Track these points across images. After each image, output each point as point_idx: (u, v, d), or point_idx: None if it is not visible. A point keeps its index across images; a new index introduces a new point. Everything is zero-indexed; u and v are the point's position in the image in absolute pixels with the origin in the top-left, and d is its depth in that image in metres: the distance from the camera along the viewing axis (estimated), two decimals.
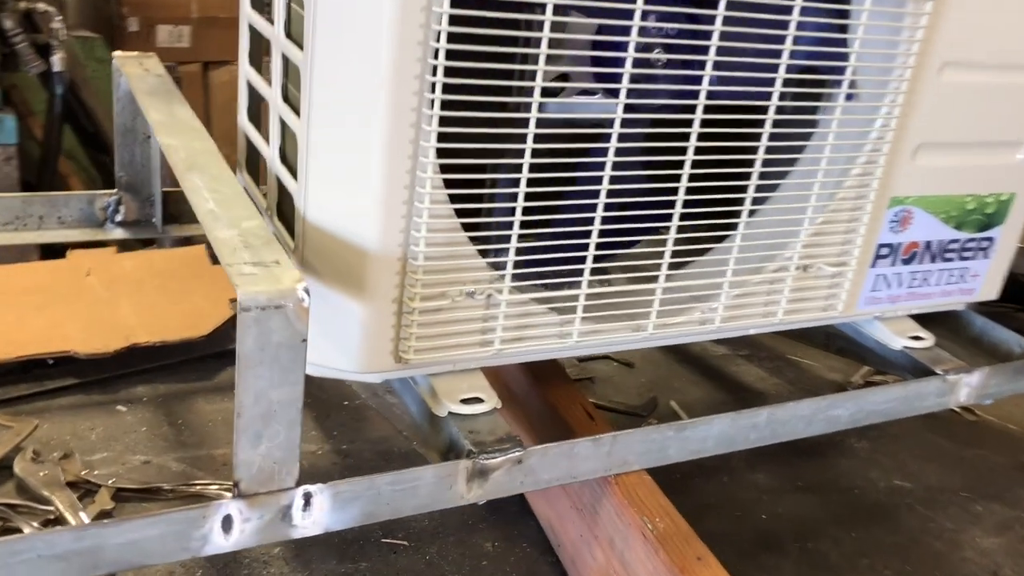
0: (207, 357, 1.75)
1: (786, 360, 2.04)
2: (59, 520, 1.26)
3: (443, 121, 0.93)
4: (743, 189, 1.13)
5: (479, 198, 0.99)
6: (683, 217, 1.11)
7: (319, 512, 0.96)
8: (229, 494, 1.40)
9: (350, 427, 1.59)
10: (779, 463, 1.61)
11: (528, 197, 1.01)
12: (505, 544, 1.33)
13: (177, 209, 1.63)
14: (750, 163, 1.12)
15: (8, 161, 2.16)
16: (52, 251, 1.98)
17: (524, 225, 1.03)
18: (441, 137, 0.94)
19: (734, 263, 1.17)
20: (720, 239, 1.18)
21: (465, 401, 1.08)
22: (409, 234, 0.97)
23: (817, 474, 1.59)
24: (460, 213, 0.99)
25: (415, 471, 0.99)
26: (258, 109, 1.26)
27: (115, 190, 1.53)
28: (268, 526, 0.94)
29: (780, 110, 1.10)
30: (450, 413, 1.07)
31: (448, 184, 0.97)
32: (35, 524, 1.23)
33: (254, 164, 1.27)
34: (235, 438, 0.88)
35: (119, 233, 1.56)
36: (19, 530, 1.23)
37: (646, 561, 1.05)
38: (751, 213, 1.16)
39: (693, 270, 1.19)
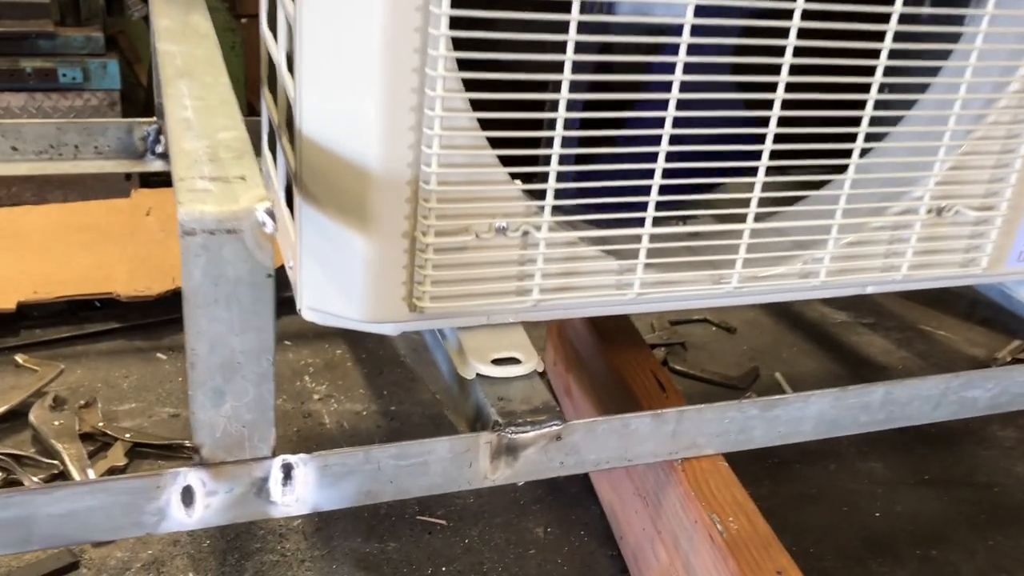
0: None
1: (917, 331, 1.75)
2: (63, 475, 1.14)
3: (457, 0, 0.73)
4: (860, 107, 0.89)
5: (511, 105, 0.78)
6: (779, 141, 0.87)
7: (303, 488, 0.79)
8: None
9: (403, 386, 1.42)
10: (899, 450, 1.35)
11: (578, 105, 0.80)
12: (559, 530, 1.14)
13: None
14: (869, 72, 0.87)
15: (112, 107, 2.08)
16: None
17: (572, 142, 0.82)
18: (458, 22, 0.74)
19: (846, 201, 0.93)
20: (831, 170, 0.94)
21: (498, 362, 0.89)
22: (420, 150, 0.78)
23: (947, 466, 1.33)
24: (486, 125, 0.79)
25: (425, 443, 0.81)
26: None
27: (155, 118, 1.39)
28: (240, 502, 0.77)
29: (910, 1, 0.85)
30: (478, 376, 0.88)
31: (469, 86, 0.77)
32: (36, 479, 1.12)
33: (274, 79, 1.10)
34: (190, 394, 0.72)
35: (159, 165, 1.42)
36: (21, 483, 1.12)
37: (713, 570, 0.84)
38: (870, 138, 0.91)
39: (793, 208, 0.95)
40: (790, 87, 0.84)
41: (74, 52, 2.04)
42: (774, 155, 0.88)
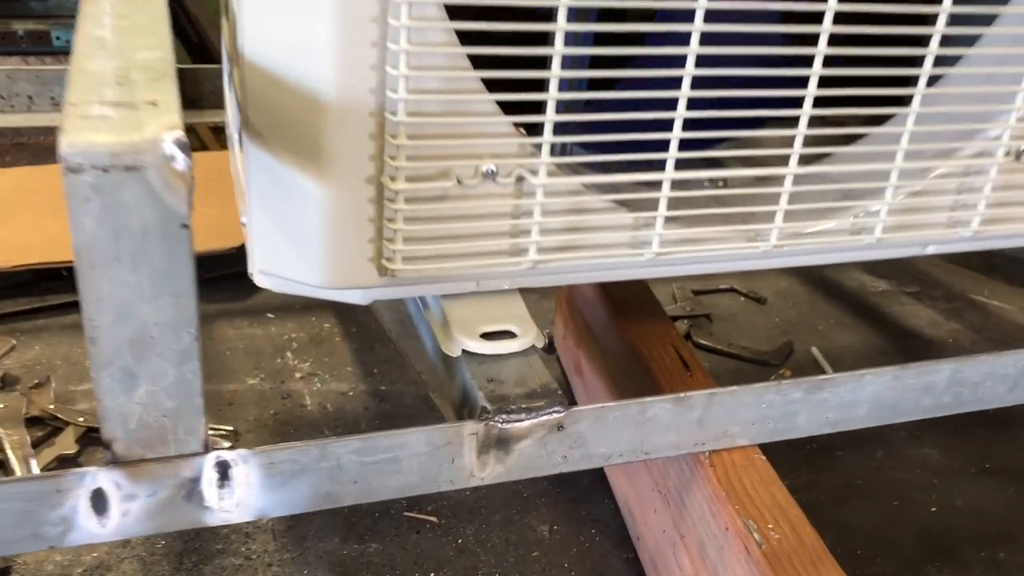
0: (243, 274, 1.47)
1: (967, 300, 1.59)
2: (2, 465, 1.00)
3: None
4: (928, 21, 0.72)
5: (499, 12, 0.63)
6: (829, 64, 0.71)
7: (245, 490, 0.64)
8: (227, 443, 1.11)
9: (396, 364, 1.28)
10: (957, 435, 1.19)
11: (588, 14, 0.64)
12: (567, 529, 0.99)
13: (196, 91, 1.34)
14: None
15: None
16: None
17: (578, 62, 0.66)
18: None
19: (909, 141, 0.77)
20: (889, 102, 0.78)
21: (489, 336, 0.74)
22: (384, 72, 0.62)
23: (1012, 453, 1.17)
24: (467, 38, 0.63)
25: (396, 436, 0.66)
26: None
27: None
28: (166, 507, 0.63)
29: None
30: (464, 353, 0.74)
31: None
32: None
33: None
34: (93, 376, 0.57)
35: None
36: None
37: None
38: (940, 62, 0.75)
39: (846, 149, 0.79)
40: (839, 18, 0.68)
41: (67, 14, 1.91)
42: (823, 82, 0.72)
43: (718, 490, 0.73)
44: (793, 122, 0.73)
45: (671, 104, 0.69)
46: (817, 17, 0.69)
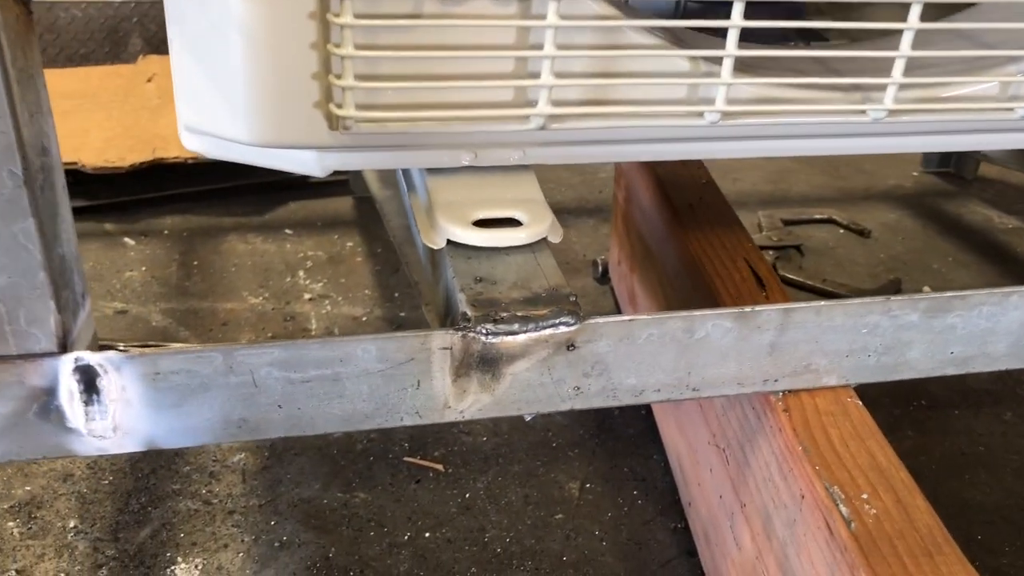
0: (267, 186, 1.31)
1: None
2: None
3: None
4: None
5: None
6: None
7: (124, 410, 0.47)
8: None
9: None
10: None
11: None
12: (603, 488, 0.80)
13: None
14: None
15: None
16: None
17: None
18: None
19: None
20: None
21: (485, 225, 0.55)
22: None
23: None
24: None
25: (333, 345, 0.48)
26: None
27: None
28: (12, 428, 0.46)
29: None
30: (451, 244, 0.54)
31: None
32: None
33: None
34: None
35: None
36: None
37: None
38: None
39: None
40: None
41: None
42: None
43: (793, 443, 0.52)
44: None
45: None
46: None
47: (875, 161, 1.57)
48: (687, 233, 0.76)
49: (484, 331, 0.49)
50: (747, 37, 0.53)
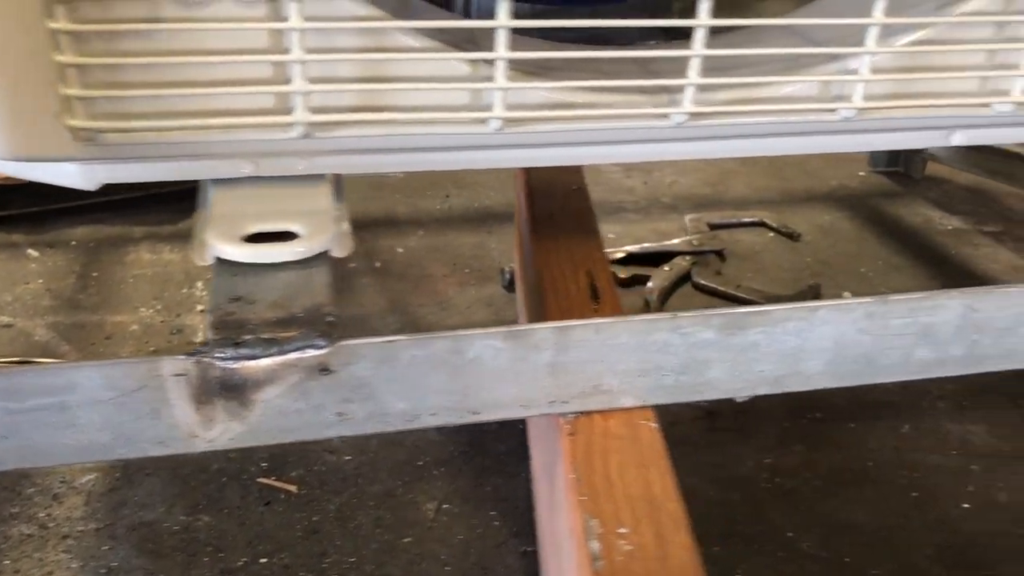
0: (185, 194, 1.28)
1: None
2: None
3: None
4: None
5: None
6: None
7: None
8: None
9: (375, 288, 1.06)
10: (1018, 407, 0.90)
11: None
12: (460, 508, 0.77)
13: None
14: None
15: None
16: None
17: None
18: None
19: None
20: None
21: (256, 239, 0.52)
22: None
23: None
24: None
25: (55, 371, 0.45)
26: None
27: None
28: None
29: None
30: (219, 262, 0.51)
31: None
32: None
33: None
34: None
35: None
36: None
37: None
38: None
39: None
40: None
41: None
42: None
43: (569, 471, 0.49)
44: None
45: None
46: None
47: (822, 161, 1.53)
48: (539, 243, 0.73)
49: (222, 356, 0.46)
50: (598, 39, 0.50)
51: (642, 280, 1.12)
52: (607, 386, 0.52)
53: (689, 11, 0.53)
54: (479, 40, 0.54)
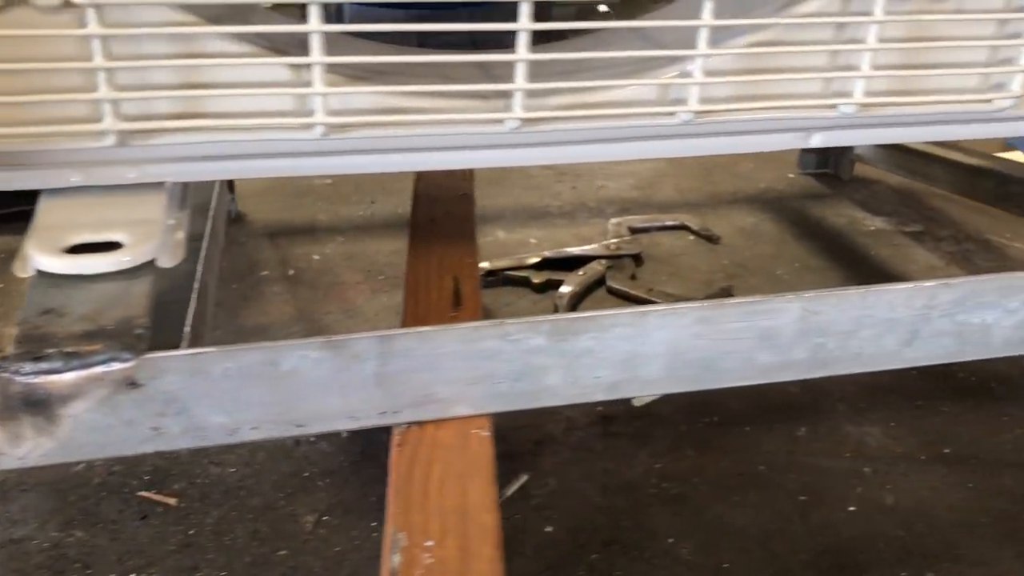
0: None
1: (982, 242, 1.27)
2: None
3: None
4: None
5: None
6: None
7: None
8: None
9: (230, 306, 1.06)
10: (915, 409, 0.90)
11: None
12: (340, 520, 0.76)
13: None
14: None
15: None
16: None
17: None
18: None
19: None
20: None
21: (80, 249, 0.51)
22: None
23: (987, 436, 0.87)
24: None
25: None
26: None
27: None
28: None
29: None
30: (40, 275, 0.50)
31: None
32: None
33: None
34: None
35: None
36: None
37: None
38: None
39: None
40: None
41: None
42: None
43: (392, 481, 0.48)
44: None
45: None
46: None
47: (752, 163, 1.53)
48: (415, 248, 0.72)
49: (22, 370, 0.45)
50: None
51: (556, 285, 1.12)
52: (439, 395, 0.51)
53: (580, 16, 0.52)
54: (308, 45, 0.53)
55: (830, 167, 1.51)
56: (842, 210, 1.37)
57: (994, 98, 0.59)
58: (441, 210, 0.78)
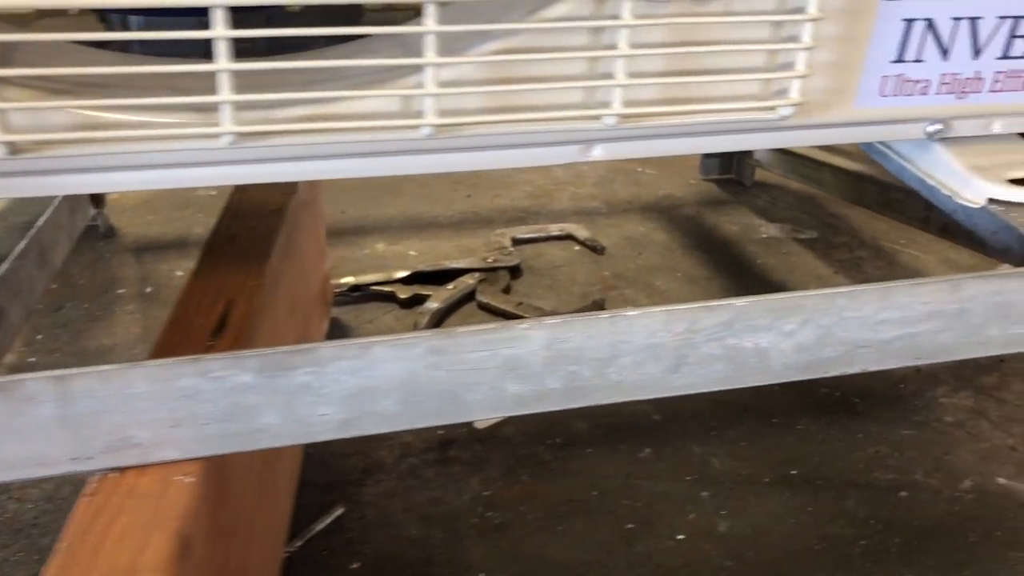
0: None
1: (875, 248, 1.24)
2: None
3: None
4: None
5: None
6: None
7: None
8: None
9: (76, 327, 1.01)
10: (768, 428, 0.87)
11: None
12: None
13: None
14: None
15: None
16: None
17: None
18: None
19: None
20: None
21: None
22: None
23: (838, 457, 0.84)
24: None
25: None
26: None
27: None
28: None
29: None
30: None
31: None
32: None
33: None
34: None
35: None
36: None
37: None
38: None
39: None
40: None
41: None
42: None
43: (65, 535, 0.44)
44: None
45: None
46: None
47: (655, 169, 1.50)
48: (201, 269, 0.68)
49: None
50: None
51: (424, 300, 1.07)
52: (137, 439, 0.47)
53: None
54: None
55: (733, 172, 1.47)
56: (738, 217, 1.34)
57: (777, 105, 0.56)
58: (245, 226, 0.74)
